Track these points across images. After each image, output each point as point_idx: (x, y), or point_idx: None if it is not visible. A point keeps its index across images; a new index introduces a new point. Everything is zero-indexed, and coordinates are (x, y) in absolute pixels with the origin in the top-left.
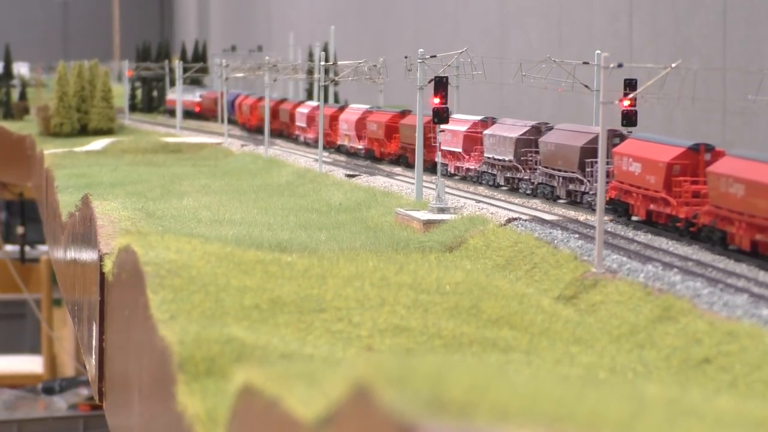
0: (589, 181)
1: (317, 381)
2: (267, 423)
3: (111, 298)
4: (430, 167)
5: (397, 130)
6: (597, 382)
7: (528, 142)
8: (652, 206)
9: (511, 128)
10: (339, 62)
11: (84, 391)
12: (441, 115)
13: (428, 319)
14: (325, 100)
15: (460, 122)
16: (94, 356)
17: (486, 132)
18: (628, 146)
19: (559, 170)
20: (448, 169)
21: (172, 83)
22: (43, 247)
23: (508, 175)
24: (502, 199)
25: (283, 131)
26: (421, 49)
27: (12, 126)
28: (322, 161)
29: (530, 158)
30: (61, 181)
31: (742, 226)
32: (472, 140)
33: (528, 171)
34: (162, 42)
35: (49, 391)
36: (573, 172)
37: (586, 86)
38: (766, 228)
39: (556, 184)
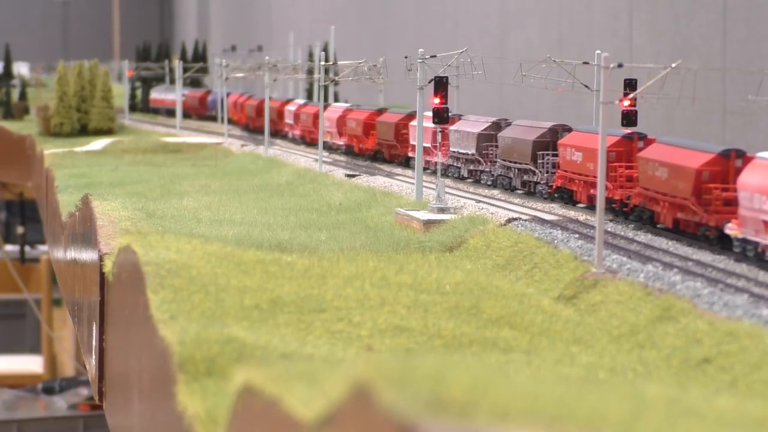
0: (540, 171)
1: (317, 381)
2: (267, 423)
3: (111, 298)
4: (403, 161)
5: (374, 127)
6: (597, 382)
7: (489, 137)
8: (592, 191)
9: (474, 124)
10: (339, 62)
11: (84, 391)
12: (441, 115)
13: (428, 319)
14: (325, 99)
15: (429, 119)
16: (94, 356)
17: (452, 128)
18: (571, 138)
19: (515, 162)
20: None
21: (172, 83)
22: (43, 247)
23: (471, 167)
24: (502, 199)
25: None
26: (421, 49)
27: (12, 126)
28: (322, 161)
29: (490, 152)
30: (61, 181)
31: (665, 206)
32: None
33: (489, 164)
34: (162, 42)
35: (49, 391)
36: (527, 164)
37: (586, 86)
38: (686, 207)
39: (512, 176)
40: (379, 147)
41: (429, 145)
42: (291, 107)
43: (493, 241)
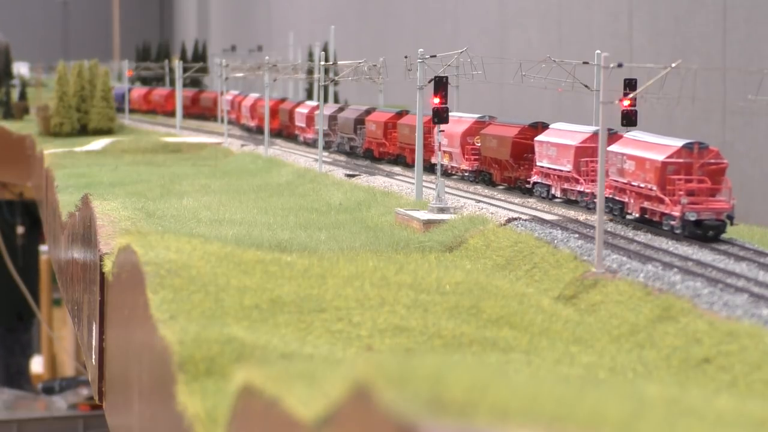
0: (358, 138)
1: (317, 381)
2: (267, 423)
3: (111, 298)
4: (293, 138)
5: (278, 112)
6: (597, 382)
7: (334, 118)
8: (381, 149)
9: (328, 109)
10: (339, 62)
11: (84, 391)
12: (441, 115)
13: (428, 319)
14: (325, 99)
15: (304, 107)
16: (94, 356)
17: (316, 112)
18: (372, 116)
19: (346, 134)
20: (300, 139)
21: (172, 83)
22: (43, 247)
23: (326, 139)
24: (502, 198)
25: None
26: (421, 49)
27: (12, 126)
28: (322, 161)
29: (335, 128)
30: (61, 180)
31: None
32: (311, 119)
33: (334, 136)
34: (162, 42)
35: (49, 391)
36: (351, 134)
37: (586, 86)
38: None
39: (345, 142)
40: (282, 127)
41: (303, 125)
42: (228, 97)
43: (493, 241)
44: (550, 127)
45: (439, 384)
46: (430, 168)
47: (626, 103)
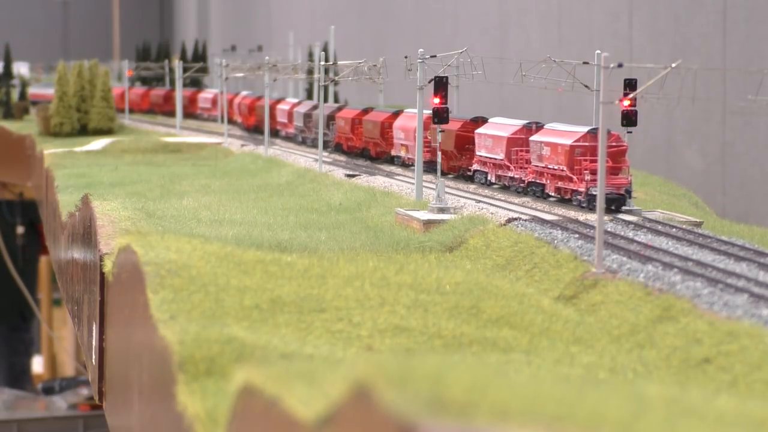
0: (330, 133)
1: (317, 381)
2: (267, 423)
3: (111, 298)
4: (273, 133)
5: (255, 109)
6: (597, 382)
7: (308, 115)
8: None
9: (311, 106)
10: (339, 62)
11: (84, 391)
12: (441, 115)
13: (428, 319)
14: (325, 99)
15: (285, 104)
16: (94, 356)
17: (280, 106)
18: (344, 113)
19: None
20: (282, 133)
21: (172, 83)
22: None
23: (305, 135)
24: (502, 199)
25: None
26: (421, 49)
27: (12, 126)
28: (322, 161)
29: (310, 125)
30: (61, 180)
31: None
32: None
33: (310, 132)
34: (162, 42)
35: (49, 391)
36: (324, 131)
37: (586, 86)
38: (303, 130)
39: (300, 133)
40: (257, 123)
41: (285, 120)
42: (208, 95)
43: (493, 241)
44: (488, 121)
45: (439, 384)
46: (390, 160)
47: (626, 103)
